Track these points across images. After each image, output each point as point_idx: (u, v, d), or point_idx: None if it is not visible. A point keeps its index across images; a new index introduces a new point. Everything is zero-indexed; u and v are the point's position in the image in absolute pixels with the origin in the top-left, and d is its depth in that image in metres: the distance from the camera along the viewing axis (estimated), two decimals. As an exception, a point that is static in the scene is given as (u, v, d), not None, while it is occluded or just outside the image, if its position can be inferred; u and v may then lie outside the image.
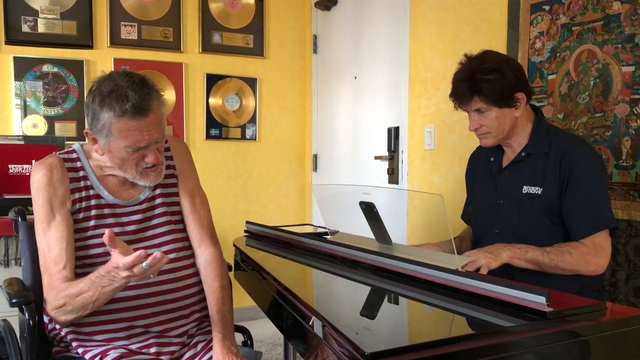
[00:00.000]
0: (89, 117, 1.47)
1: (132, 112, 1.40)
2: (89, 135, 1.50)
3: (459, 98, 1.77)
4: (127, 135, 1.43)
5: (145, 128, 1.44)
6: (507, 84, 1.68)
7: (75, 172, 1.54)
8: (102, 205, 1.54)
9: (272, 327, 1.68)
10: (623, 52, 1.93)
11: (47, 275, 1.44)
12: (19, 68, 3.29)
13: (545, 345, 1.06)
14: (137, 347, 1.49)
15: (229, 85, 3.88)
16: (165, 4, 3.65)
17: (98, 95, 1.43)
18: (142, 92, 1.42)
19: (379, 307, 1.39)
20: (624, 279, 1.93)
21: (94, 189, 1.54)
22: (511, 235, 1.75)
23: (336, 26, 3.77)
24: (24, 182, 3.04)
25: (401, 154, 3.06)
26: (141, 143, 1.45)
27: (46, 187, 1.47)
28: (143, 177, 1.52)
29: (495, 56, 1.74)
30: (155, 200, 1.62)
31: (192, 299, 1.61)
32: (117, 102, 1.40)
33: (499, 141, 1.80)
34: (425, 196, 2.85)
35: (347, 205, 1.83)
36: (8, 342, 1.47)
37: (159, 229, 1.60)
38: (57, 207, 1.47)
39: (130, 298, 1.49)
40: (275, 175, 4.08)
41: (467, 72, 1.73)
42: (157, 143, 1.50)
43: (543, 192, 1.70)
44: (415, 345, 1.00)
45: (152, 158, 1.49)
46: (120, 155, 1.47)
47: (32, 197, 1.49)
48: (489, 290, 1.22)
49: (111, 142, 1.45)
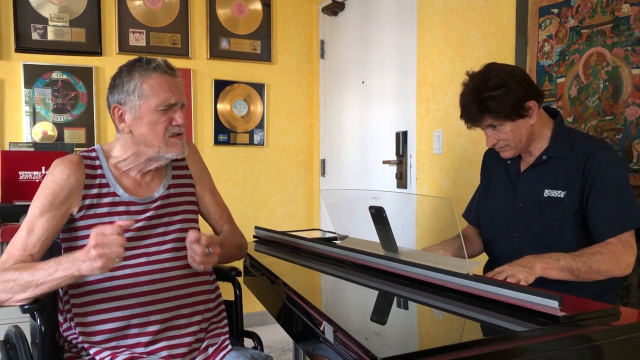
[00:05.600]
0: (115, 93, 1.55)
1: (162, 69, 1.53)
2: (117, 111, 1.55)
3: (469, 119, 1.74)
4: (159, 91, 1.51)
5: (174, 85, 1.54)
6: (515, 96, 1.64)
7: (92, 169, 1.56)
8: (116, 203, 1.56)
9: (282, 332, 1.68)
10: (633, 55, 1.92)
11: (8, 253, 1.46)
12: (28, 75, 3.32)
13: (558, 350, 1.05)
14: (148, 350, 1.49)
15: (236, 91, 3.89)
16: (173, 11, 3.67)
17: (125, 69, 1.55)
18: (167, 61, 1.57)
19: (389, 312, 1.39)
20: (636, 283, 1.91)
21: (109, 187, 1.56)
22: (533, 239, 1.73)
23: (343, 31, 3.78)
24: (34, 189, 3.02)
25: (409, 159, 3.06)
26: (171, 99, 1.53)
27: (59, 182, 1.50)
28: (170, 147, 1.56)
29: (499, 70, 1.70)
30: (169, 199, 1.64)
31: (203, 296, 1.62)
32: (147, 63, 1.53)
33: (519, 151, 1.77)
34: (435, 200, 2.84)
35: (356, 210, 1.82)
36: (20, 349, 1.47)
37: (170, 227, 1.61)
38: (58, 204, 1.49)
39: (146, 293, 1.51)
40: (283, 180, 4.08)
41: (473, 92, 1.70)
42: (183, 106, 1.58)
43: (566, 196, 1.67)
44: (426, 351, 1.00)
45: (181, 117, 1.55)
46: (151, 119, 1.52)
47: (42, 183, 1.52)
48: (500, 295, 1.22)
49: (142, 104, 1.51)
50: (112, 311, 1.49)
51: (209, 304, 1.64)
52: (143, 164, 1.60)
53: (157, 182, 1.64)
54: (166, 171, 1.68)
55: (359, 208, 1.71)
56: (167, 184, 1.65)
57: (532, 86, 1.71)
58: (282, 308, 1.58)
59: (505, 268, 1.51)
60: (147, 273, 1.53)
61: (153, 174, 1.64)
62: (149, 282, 1.52)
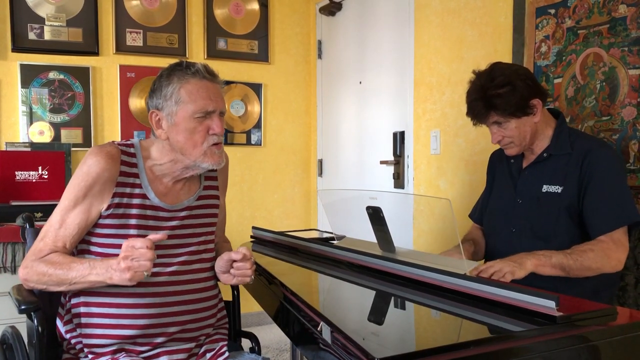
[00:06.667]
0: (154, 98, 1.51)
1: (202, 74, 1.49)
2: (154, 116, 1.51)
3: (476, 116, 1.80)
4: (197, 97, 1.47)
5: (213, 92, 1.50)
6: (519, 94, 1.69)
7: (128, 167, 1.51)
8: (146, 206, 1.51)
9: (279, 332, 1.68)
10: (629, 55, 1.93)
11: (43, 242, 1.46)
12: (25, 75, 3.31)
13: (555, 350, 1.05)
14: (148, 355, 1.48)
15: (234, 91, 3.89)
16: (170, 11, 3.67)
17: (165, 73, 1.50)
18: (208, 66, 1.53)
19: (386, 312, 1.39)
20: (633, 283, 1.91)
21: (141, 188, 1.51)
22: (530, 233, 1.77)
23: (341, 31, 3.78)
24: (31, 189, 3.05)
25: (407, 159, 3.06)
26: (209, 107, 1.48)
27: (93, 174, 1.45)
28: (207, 157, 1.51)
29: (504, 68, 1.76)
30: (196, 210, 1.60)
31: (209, 306, 1.60)
32: (187, 68, 1.48)
33: (523, 149, 1.82)
34: (432, 201, 2.84)
35: (353, 210, 1.83)
36: (16, 349, 1.47)
37: (193, 239, 1.58)
38: (91, 196, 1.45)
39: (155, 305, 1.48)
40: (280, 180, 4.08)
41: (479, 90, 1.75)
42: (222, 114, 1.53)
43: (563, 191, 1.72)
44: (423, 351, 1.00)
45: (218, 126, 1.50)
46: (188, 126, 1.48)
47: (74, 173, 1.48)
48: (498, 295, 1.22)
49: (179, 110, 1.47)
50: (122, 318, 1.46)
51: (212, 307, 1.62)
52: (179, 172, 1.55)
53: (187, 191, 1.60)
54: (199, 180, 1.64)
55: (357, 208, 1.71)
56: (198, 195, 1.62)
57: (536, 85, 1.76)
58: (280, 308, 1.57)
59: (494, 263, 1.55)
60: (161, 284, 1.49)
61: (184, 183, 1.59)
62: (162, 294, 1.49)
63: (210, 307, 1.61)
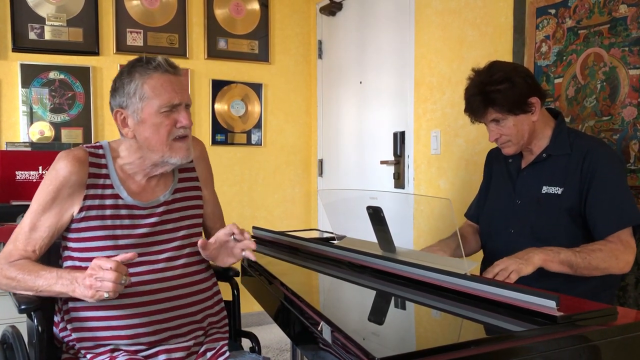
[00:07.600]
0: (117, 97, 1.50)
1: (163, 67, 1.47)
2: (119, 115, 1.50)
3: (473, 112, 1.79)
4: (161, 92, 1.46)
5: (177, 84, 1.49)
6: (518, 91, 1.69)
7: (97, 168, 1.52)
8: (119, 206, 1.51)
9: (279, 332, 1.68)
10: (630, 55, 1.93)
11: (13, 244, 1.46)
12: (25, 75, 3.31)
13: (555, 350, 1.05)
14: (147, 354, 1.48)
15: (234, 91, 3.89)
16: (170, 11, 3.67)
17: (125, 70, 1.49)
18: (168, 59, 1.51)
19: (386, 312, 1.39)
20: (633, 283, 1.91)
21: (113, 188, 1.52)
22: (529, 235, 1.75)
23: (341, 31, 3.78)
24: (31, 189, 3.04)
25: (407, 159, 3.06)
26: (175, 100, 1.47)
27: (61, 178, 1.46)
28: (174, 152, 1.51)
29: (503, 66, 1.76)
30: (174, 204, 1.60)
31: (204, 301, 1.60)
32: (147, 63, 1.47)
33: (521, 148, 1.81)
34: (433, 200, 2.84)
35: (354, 210, 1.82)
36: (16, 349, 1.46)
37: (174, 234, 1.58)
38: (61, 200, 1.47)
39: (147, 303, 1.48)
40: (280, 180, 4.08)
41: (478, 86, 1.74)
42: (188, 106, 1.52)
43: (563, 192, 1.70)
44: (424, 351, 0.99)
45: (185, 118, 1.49)
46: (154, 122, 1.47)
47: (44, 178, 1.49)
48: (498, 295, 1.22)
49: (145, 107, 1.46)
50: (113, 320, 1.46)
51: (208, 305, 1.62)
52: (149, 169, 1.55)
53: (162, 187, 1.60)
54: (173, 175, 1.64)
55: (357, 208, 1.71)
56: (174, 189, 1.61)
57: (535, 83, 1.76)
58: (280, 308, 1.57)
59: (500, 261, 1.54)
60: (148, 282, 1.49)
61: (159, 178, 1.59)
62: (151, 292, 1.49)
63: (204, 299, 1.60)
